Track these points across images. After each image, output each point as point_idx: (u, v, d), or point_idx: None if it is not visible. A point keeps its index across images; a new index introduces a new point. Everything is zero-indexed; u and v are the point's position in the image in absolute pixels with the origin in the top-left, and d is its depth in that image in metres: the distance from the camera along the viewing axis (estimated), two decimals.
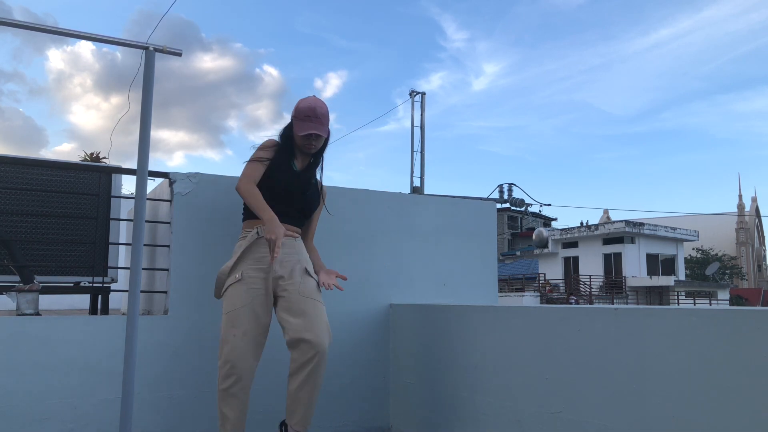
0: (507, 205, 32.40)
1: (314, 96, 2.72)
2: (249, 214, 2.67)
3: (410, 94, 23.19)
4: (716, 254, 39.34)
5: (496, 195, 31.47)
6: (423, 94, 23.23)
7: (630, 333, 1.97)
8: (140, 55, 2.14)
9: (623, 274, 28.55)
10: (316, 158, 2.77)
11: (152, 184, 3.56)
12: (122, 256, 3.81)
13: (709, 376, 1.73)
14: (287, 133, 2.71)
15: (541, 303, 25.15)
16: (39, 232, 3.18)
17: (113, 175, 3.34)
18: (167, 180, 3.05)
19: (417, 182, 22.66)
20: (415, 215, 3.64)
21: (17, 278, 2.94)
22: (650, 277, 28.09)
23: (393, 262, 3.50)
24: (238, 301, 2.46)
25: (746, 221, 46.72)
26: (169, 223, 3.04)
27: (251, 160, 2.65)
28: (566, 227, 31.67)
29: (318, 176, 2.82)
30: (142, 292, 3.01)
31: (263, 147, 2.69)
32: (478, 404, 2.62)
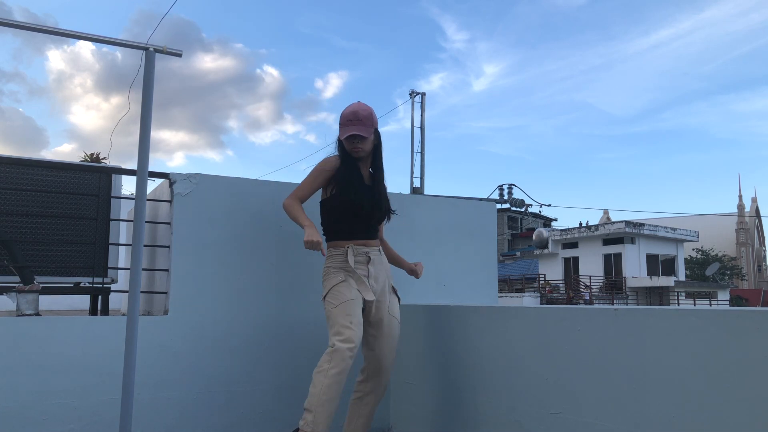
0: (507, 205, 32.39)
1: (358, 101, 2.76)
2: (336, 234, 2.73)
3: (410, 94, 23.20)
4: (716, 255, 39.32)
5: (496, 195, 31.47)
6: (423, 94, 23.24)
7: (630, 333, 1.97)
8: (140, 56, 2.14)
9: (623, 275, 28.55)
10: (375, 165, 2.81)
11: (152, 185, 3.56)
12: (122, 257, 3.81)
13: (708, 377, 1.73)
14: (339, 143, 2.76)
15: (541, 303, 25.15)
16: (39, 233, 3.18)
17: (113, 175, 3.34)
18: (167, 180, 3.05)
19: (417, 183, 22.68)
20: (415, 216, 3.64)
21: (17, 279, 2.94)
22: (650, 278, 28.09)
23: None
24: (349, 294, 2.57)
25: (746, 222, 46.72)
26: (169, 223, 3.04)
27: (307, 177, 2.76)
28: (566, 228, 31.67)
29: (382, 182, 2.84)
30: (142, 292, 3.02)
31: (322, 166, 2.74)
32: (478, 404, 2.62)
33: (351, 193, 2.68)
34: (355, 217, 2.71)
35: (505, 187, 31.72)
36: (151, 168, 2.35)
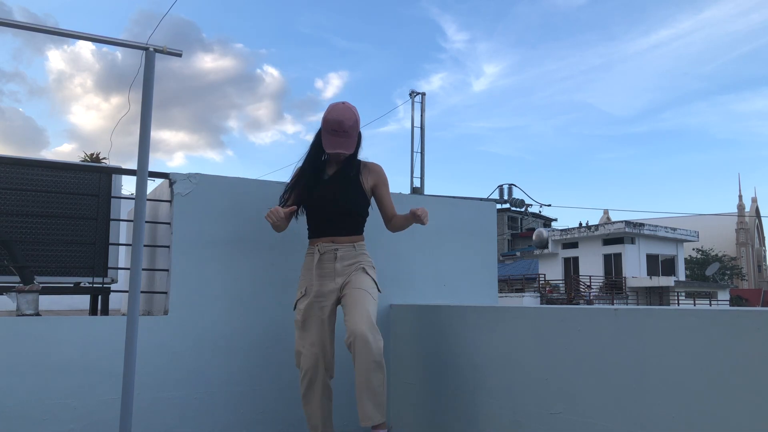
0: (507, 205, 32.40)
1: (343, 104, 2.68)
2: (309, 232, 2.82)
3: (410, 94, 23.19)
4: (716, 255, 39.32)
5: (496, 195, 31.47)
6: (423, 94, 23.23)
7: (630, 333, 1.97)
8: (140, 56, 2.14)
9: (623, 275, 28.54)
10: (348, 163, 2.79)
11: (152, 185, 3.56)
12: (122, 257, 3.81)
13: (708, 377, 1.73)
14: (317, 140, 2.76)
15: (541, 303, 25.15)
16: (39, 233, 3.18)
17: (113, 175, 3.34)
18: (167, 180, 3.05)
19: (417, 183, 22.67)
20: None
21: (17, 279, 2.94)
22: (650, 278, 28.08)
23: (393, 262, 3.50)
24: (308, 314, 2.67)
25: (746, 222, 46.71)
26: (169, 223, 3.04)
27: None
28: (566, 228, 31.67)
29: (354, 173, 2.79)
30: (142, 292, 3.02)
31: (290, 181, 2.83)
32: (478, 404, 2.62)
33: (308, 189, 2.73)
34: (315, 216, 2.76)
35: (505, 187, 31.73)
36: (151, 168, 2.35)
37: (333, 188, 2.73)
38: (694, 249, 38.38)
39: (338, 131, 2.62)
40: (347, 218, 2.75)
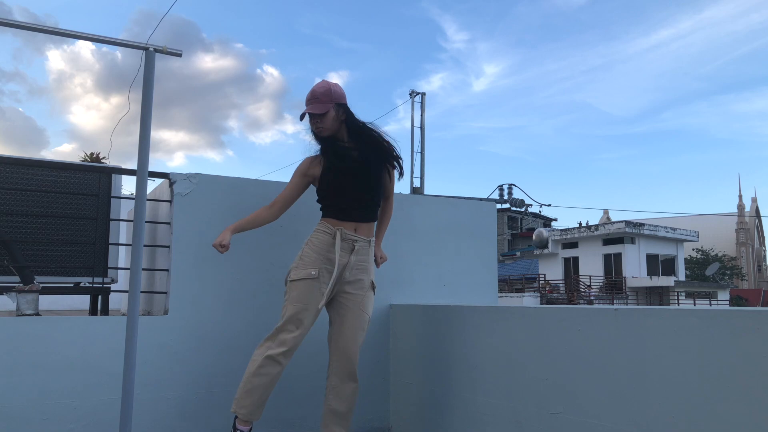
0: (507, 205, 32.39)
1: (322, 80, 2.74)
2: (328, 211, 2.68)
3: (410, 94, 23.19)
4: (716, 255, 39.34)
5: (496, 195, 31.46)
6: (423, 94, 23.24)
7: (630, 333, 1.97)
8: (140, 56, 2.14)
9: (623, 275, 28.55)
10: (355, 136, 2.69)
11: (152, 185, 3.56)
12: (122, 257, 3.81)
13: (708, 377, 1.73)
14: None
15: (541, 303, 25.15)
16: (39, 233, 3.18)
17: (113, 175, 3.34)
18: (167, 180, 3.05)
19: (417, 183, 22.68)
20: (415, 216, 3.64)
21: (17, 279, 2.94)
22: (650, 278, 28.09)
23: (393, 262, 3.50)
24: (307, 301, 2.54)
25: (746, 222, 46.71)
26: (169, 223, 3.04)
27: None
28: (566, 228, 31.67)
29: (373, 150, 2.71)
30: (142, 292, 3.02)
31: (302, 166, 2.74)
32: (478, 405, 2.62)
33: (336, 169, 2.63)
34: (347, 197, 2.64)
35: (505, 187, 31.73)
36: (151, 168, 2.35)
37: (369, 170, 2.66)
38: (694, 249, 38.39)
39: (310, 99, 2.65)
40: (374, 201, 2.71)
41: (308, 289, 2.54)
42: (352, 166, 2.64)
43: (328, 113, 2.63)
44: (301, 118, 2.68)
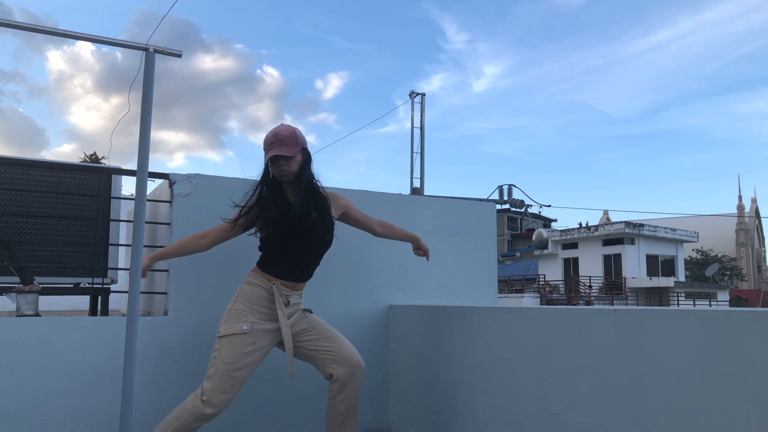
0: (507, 206, 32.39)
1: (281, 124, 2.57)
2: (264, 264, 2.56)
3: (410, 95, 23.20)
4: (716, 255, 39.32)
5: (495, 196, 31.46)
6: (423, 95, 23.25)
7: (629, 334, 1.97)
8: (140, 56, 2.14)
9: (623, 275, 28.54)
10: (306, 188, 2.53)
11: (152, 185, 3.56)
12: (122, 257, 3.81)
13: (708, 377, 1.73)
14: (271, 177, 2.55)
15: (541, 304, 25.15)
16: (39, 233, 3.18)
17: (113, 176, 3.34)
18: (167, 181, 3.05)
19: (417, 183, 22.68)
20: (415, 216, 3.64)
21: (17, 279, 2.94)
22: (650, 278, 28.08)
23: (393, 263, 3.50)
24: (240, 358, 2.41)
25: (746, 222, 46.72)
26: (169, 224, 3.04)
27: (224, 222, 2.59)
28: (566, 228, 31.68)
29: (318, 207, 2.56)
30: (142, 293, 3.02)
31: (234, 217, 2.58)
32: (478, 405, 2.62)
33: (282, 223, 2.49)
34: (288, 253, 2.51)
35: (505, 188, 31.72)
36: (151, 168, 2.34)
37: (317, 225, 2.52)
38: (693, 249, 38.38)
39: (274, 142, 2.47)
40: (315, 263, 2.63)
41: (240, 345, 2.41)
42: (299, 223, 2.49)
43: (296, 157, 2.48)
44: (266, 159, 2.49)
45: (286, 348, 2.49)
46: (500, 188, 31.70)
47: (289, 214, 2.49)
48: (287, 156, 2.46)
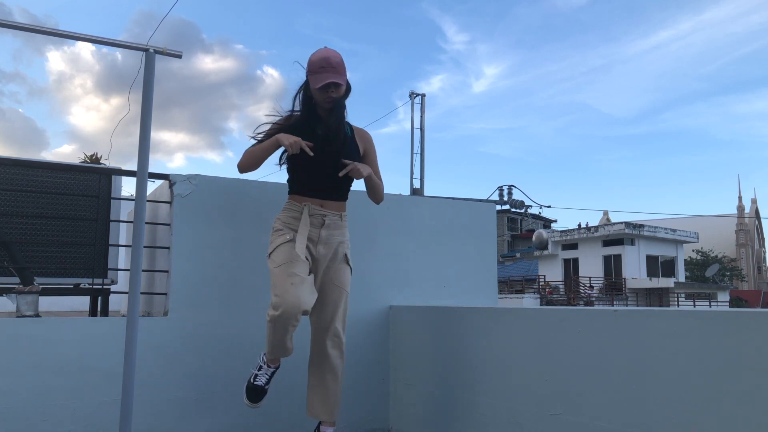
0: (507, 206, 32.40)
1: (325, 47, 2.52)
2: (294, 187, 2.58)
3: (410, 95, 23.21)
4: (716, 256, 39.32)
5: (495, 196, 31.49)
6: (423, 95, 23.25)
7: (629, 334, 1.97)
8: (141, 57, 2.15)
9: (623, 276, 28.55)
10: (337, 113, 2.51)
11: (152, 186, 3.56)
12: (122, 258, 3.81)
13: (708, 378, 1.73)
14: (305, 95, 2.53)
15: (541, 305, 25.15)
16: (39, 234, 3.18)
17: (113, 176, 3.34)
18: (167, 182, 3.05)
19: (417, 184, 22.68)
20: (415, 217, 3.64)
21: (17, 280, 2.94)
22: (650, 279, 28.09)
23: (393, 263, 3.50)
24: (294, 254, 2.41)
25: (746, 223, 46.71)
26: (169, 224, 3.04)
27: (254, 140, 2.59)
28: (566, 229, 31.69)
29: (347, 129, 2.59)
30: (142, 293, 3.01)
31: (271, 125, 2.59)
32: (478, 406, 2.62)
33: (309, 136, 2.47)
34: (308, 172, 2.52)
35: (505, 188, 31.75)
36: (151, 169, 2.35)
37: (332, 145, 2.50)
38: (693, 250, 38.37)
39: (326, 66, 2.42)
40: (343, 180, 2.56)
41: (287, 249, 2.43)
42: (323, 143, 2.49)
43: (343, 86, 2.49)
44: (317, 84, 2.43)
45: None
46: (500, 189, 31.73)
47: (318, 135, 2.49)
48: (338, 83, 2.45)
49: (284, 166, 2.65)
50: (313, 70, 2.46)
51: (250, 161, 2.56)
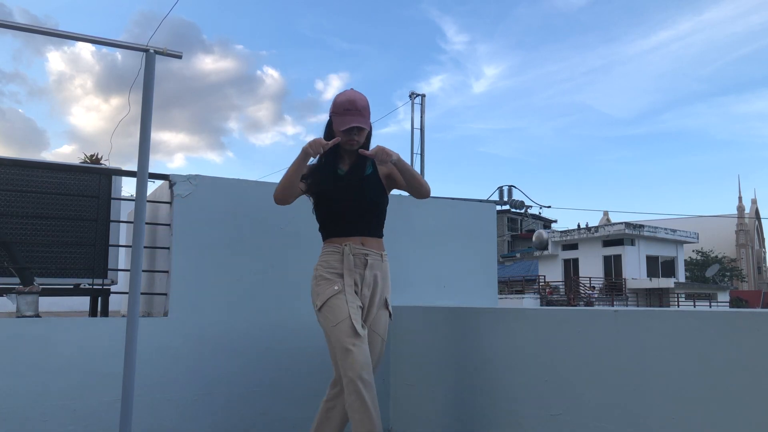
0: (507, 207, 32.40)
1: (352, 89, 2.52)
2: (329, 230, 2.51)
3: (410, 96, 23.21)
4: (716, 256, 39.32)
5: (495, 197, 31.47)
6: (423, 96, 23.25)
7: (630, 335, 1.97)
8: (141, 57, 2.15)
9: (623, 276, 28.55)
10: (362, 158, 2.49)
11: (152, 186, 3.56)
12: (122, 258, 3.81)
13: (708, 378, 1.73)
14: (327, 134, 2.50)
15: (541, 305, 25.15)
16: (39, 234, 3.18)
17: (113, 177, 3.34)
18: (167, 182, 3.05)
19: None
20: (415, 217, 3.64)
21: (17, 280, 2.94)
22: (650, 279, 28.09)
23: (393, 263, 3.49)
24: (347, 308, 2.32)
25: (746, 223, 46.71)
26: (169, 225, 3.04)
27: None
28: (566, 229, 31.69)
29: (370, 169, 2.55)
30: (142, 294, 3.02)
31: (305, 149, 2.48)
32: (478, 406, 2.62)
33: (322, 185, 2.46)
34: (339, 210, 2.48)
35: (505, 189, 31.73)
36: (151, 169, 2.35)
37: (357, 181, 2.48)
38: (694, 250, 38.36)
39: (351, 109, 2.41)
40: (375, 214, 2.52)
41: (339, 302, 2.34)
42: (347, 192, 2.48)
43: (367, 129, 2.48)
44: (341, 126, 2.41)
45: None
46: (500, 189, 31.72)
47: (337, 178, 2.48)
48: (362, 128, 2.44)
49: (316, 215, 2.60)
50: (338, 112, 2.44)
51: (282, 183, 2.45)
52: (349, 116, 2.42)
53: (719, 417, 1.70)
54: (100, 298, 3.30)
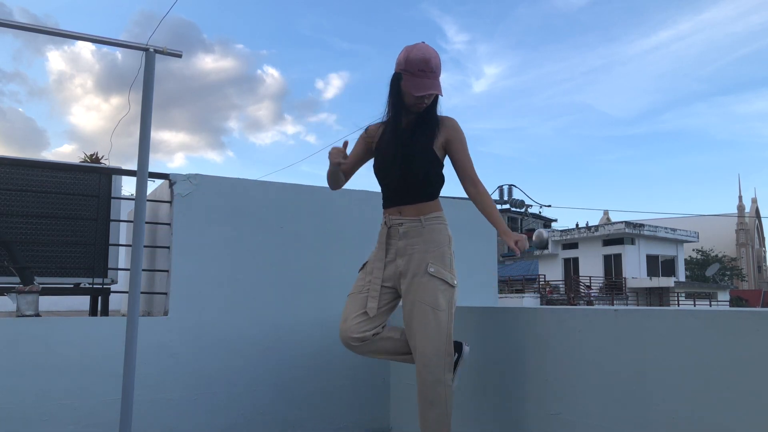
0: (507, 206, 32.38)
1: (424, 44, 2.28)
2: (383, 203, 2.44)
3: None
4: (716, 255, 39.32)
5: (496, 196, 31.44)
6: None
7: (630, 334, 1.97)
8: (141, 57, 2.14)
9: (623, 276, 28.54)
10: (426, 116, 2.34)
11: (152, 186, 3.56)
12: (122, 258, 3.81)
13: (708, 377, 1.73)
14: (394, 87, 2.31)
15: (541, 304, 25.15)
16: (39, 234, 3.18)
17: (113, 176, 3.34)
18: (167, 181, 3.05)
19: None
20: None
21: (17, 279, 2.94)
22: (650, 279, 28.09)
23: None
24: (359, 285, 2.37)
25: (746, 222, 46.70)
26: (169, 224, 3.04)
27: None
28: (566, 228, 31.68)
29: (427, 137, 2.34)
30: (142, 293, 3.02)
31: (364, 134, 2.48)
32: (478, 405, 2.62)
33: (378, 140, 2.37)
34: (379, 179, 2.38)
35: (505, 188, 31.69)
36: (152, 169, 2.34)
37: (395, 146, 2.30)
38: (694, 250, 38.38)
39: (426, 71, 2.21)
40: (413, 183, 2.31)
41: (360, 276, 2.40)
42: (382, 160, 2.36)
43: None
44: (417, 91, 2.23)
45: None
46: (500, 188, 31.68)
47: (395, 129, 2.32)
48: (439, 95, 2.28)
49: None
50: (412, 71, 2.23)
51: (327, 178, 2.44)
52: (426, 79, 2.22)
53: (719, 416, 1.70)
54: (100, 298, 3.30)
